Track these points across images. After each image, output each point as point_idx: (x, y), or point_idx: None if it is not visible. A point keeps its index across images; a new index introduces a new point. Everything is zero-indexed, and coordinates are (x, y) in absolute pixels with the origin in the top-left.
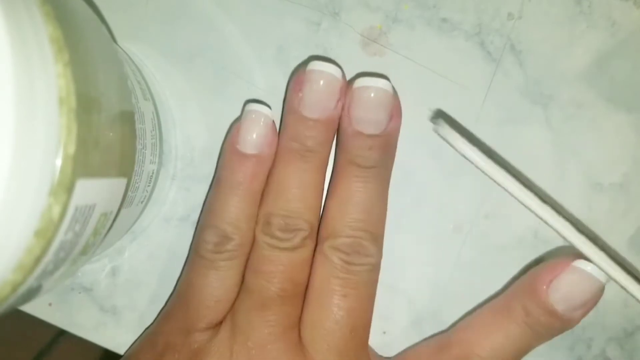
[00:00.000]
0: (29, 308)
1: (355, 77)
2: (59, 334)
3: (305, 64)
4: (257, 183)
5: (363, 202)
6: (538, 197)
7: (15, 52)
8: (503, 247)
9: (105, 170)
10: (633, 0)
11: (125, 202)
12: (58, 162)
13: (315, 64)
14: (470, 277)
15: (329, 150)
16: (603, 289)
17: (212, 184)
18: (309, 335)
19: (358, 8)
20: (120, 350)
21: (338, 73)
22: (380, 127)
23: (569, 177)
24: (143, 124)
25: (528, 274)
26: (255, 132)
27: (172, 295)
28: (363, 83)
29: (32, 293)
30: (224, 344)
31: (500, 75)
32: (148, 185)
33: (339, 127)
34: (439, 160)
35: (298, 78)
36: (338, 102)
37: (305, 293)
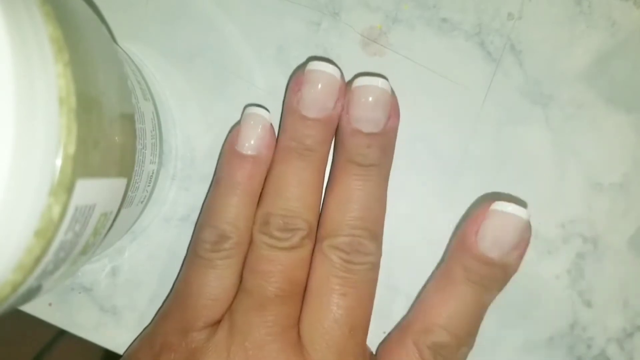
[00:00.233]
0: (29, 308)
1: (354, 77)
2: (59, 334)
3: (305, 65)
4: (255, 183)
5: (362, 200)
6: None
7: (15, 52)
8: None
9: (105, 170)
10: (633, 0)
11: (125, 202)
12: (58, 162)
13: (315, 64)
14: None
15: (328, 150)
16: (529, 225)
17: (211, 185)
18: (308, 334)
19: (358, 8)
20: (120, 351)
21: (337, 73)
22: (379, 125)
23: (569, 177)
24: (143, 124)
25: (457, 233)
26: (254, 134)
27: (169, 295)
28: (362, 82)
29: (32, 293)
30: (222, 344)
31: (500, 75)
32: (148, 185)
33: (338, 126)
34: (439, 160)
35: (297, 78)
36: (337, 102)
37: (304, 292)
